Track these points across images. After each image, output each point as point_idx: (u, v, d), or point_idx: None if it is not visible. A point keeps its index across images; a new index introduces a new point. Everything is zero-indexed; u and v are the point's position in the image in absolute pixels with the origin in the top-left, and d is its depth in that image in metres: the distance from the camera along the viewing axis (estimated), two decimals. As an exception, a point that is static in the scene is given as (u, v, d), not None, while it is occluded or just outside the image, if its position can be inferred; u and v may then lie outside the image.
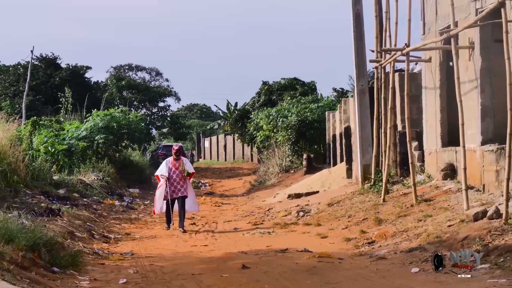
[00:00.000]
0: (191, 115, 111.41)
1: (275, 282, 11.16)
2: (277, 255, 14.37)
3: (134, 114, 37.78)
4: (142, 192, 32.14)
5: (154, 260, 13.89)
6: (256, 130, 46.33)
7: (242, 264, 12.84)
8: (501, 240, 12.35)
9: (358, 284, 10.78)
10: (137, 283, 11.27)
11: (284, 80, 55.25)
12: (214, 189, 40.53)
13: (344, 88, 55.39)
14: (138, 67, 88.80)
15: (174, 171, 20.15)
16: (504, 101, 14.49)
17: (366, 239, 15.59)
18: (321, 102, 44.43)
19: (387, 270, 12.03)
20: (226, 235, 18.73)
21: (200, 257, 14.55)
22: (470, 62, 17.41)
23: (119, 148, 35.35)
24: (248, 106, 57.04)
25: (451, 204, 16.35)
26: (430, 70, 20.61)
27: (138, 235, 18.48)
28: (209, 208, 27.52)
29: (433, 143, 20.44)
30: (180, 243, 17.07)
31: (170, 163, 20.34)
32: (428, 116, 20.95)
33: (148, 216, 23.86)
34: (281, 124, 40.90)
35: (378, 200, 20.04)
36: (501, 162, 15.41)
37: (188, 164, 20.46)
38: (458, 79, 16.15)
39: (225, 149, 72.52)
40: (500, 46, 14.73)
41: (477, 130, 16.98)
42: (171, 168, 20.22)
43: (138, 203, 27.93)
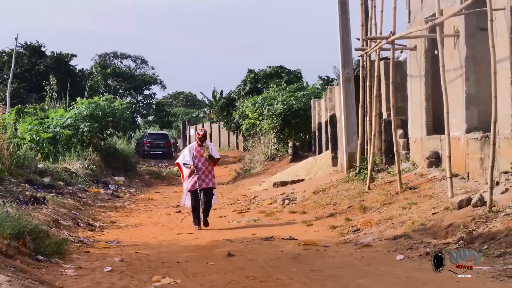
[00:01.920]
0: (177, 103, 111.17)
1: (260, 269, 11.17)
2: (263, 243, 14.38)
3: (119, 102, 37.65)
4: (127, 180, 32.10)
5: (139, 248, 13.88)
6: (242, 118, 46.31)
7: (227, 252, 12.85)
8: (485, 227, 12.41)
9: (343, 272, 10.81)
10: (122, 271, 11.26)
11: (270, 68, 55.20)
12: (199, 177, 40.46)
13: (330, 76, 55.47)
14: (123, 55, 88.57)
15: (199, 159, 17.86)
16: (488, 89, 14.54)
17: (351, 226, 15.63)
18: (307, 90, 44.41)
19: (372, 258, 12.06)
20: (211, 223, 18.72)
21: (185, 245, 14.55)
22: (455, 50, 17.45)
23: (104, 136, 35.26)
24: (234, 94, 56.95)
25: (435, 192, 16.40)
26: (415, 58, 20.64)
27: (123, 223, 18.46)
28: (194, 196, 27.47)
29: (418, 131, 20.49)
30: (165, 231, 17.06)
31: (194, 149, 18.01)
32: (413, 104, 21.00)
33: (133, 204, 23.84)
34: (267, 112, 40.89)
35: (363, 188, 20.08)
36: (485, 150, 15.46)
37: (214, 150, 18.27)
38: (443, 67, 16.19)
39: (211, 137, 72.38)
40: (485, 35, 14.76)
41: (461, 118, 17.03)
42: (195, 155, 17.89)
43: (124, 191, 27.89)
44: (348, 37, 24.03)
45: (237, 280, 10.23)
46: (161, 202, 24.79)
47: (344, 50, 23.97)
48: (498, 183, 14.42)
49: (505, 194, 13.78)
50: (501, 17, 14.76)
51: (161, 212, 21.48)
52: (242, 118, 46.12)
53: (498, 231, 11.86)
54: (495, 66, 13.94)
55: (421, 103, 20.11)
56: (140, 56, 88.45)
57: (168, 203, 24.46)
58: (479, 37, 16.60)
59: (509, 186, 14.02)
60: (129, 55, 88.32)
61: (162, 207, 22.96)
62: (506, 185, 14.16)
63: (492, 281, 9.42)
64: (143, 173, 37.70)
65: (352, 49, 24.08)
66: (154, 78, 77.04)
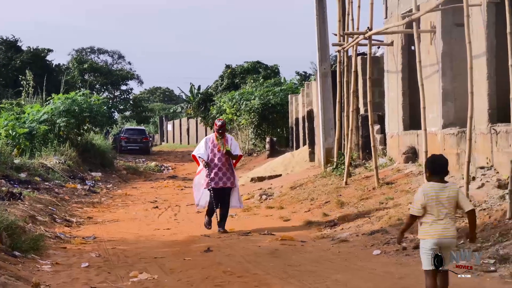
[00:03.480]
0: (154, 98, 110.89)
1: (237, 265, 11.19)
2: (240, 238, 14.39)
3: (96, 97, 37.45)
4: (104, 176, 31.95)
5: (116, 244, 13.84)
6: (219, 113, 46.30)
7: (205, 247, 12.86)
8: (461, 222, 12.48)
9: (320, 267, 10.85)
10: (100, 266, 11.23)
11: (247, 64, 55.21)
12: (177, 172, 40.43)
13: (307, 72, 55.56)
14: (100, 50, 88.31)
15: (215, 153, 15.62)
16: (465, 85, 14.62)
17: (328, 222, 15.67)
18: (284, 85, 44.51)
19: (349, 253, 12.11)
20: (189, 218, 18.71)
21: (163, 240, 14.53)
22: (432, 46, 17.52)
23: (81, 131, 35.06)
24: (211, 89, 56.92)
25: (412, 187, 16.47)
26: (392, 54, 20.70)
27: (100, 219, 18.39)
28: (172, 192, 27.47)
29: (395, 126, 20.56)
30: (142, 226, 17.03)
31: (211, 142, 15.75)
32: (390, 100, 21.07)
33: (110, 199, 23.75)
34: (244, 108, 40.91)
35: (340, 183, 20.13)
36: (461, 145, 15.55)
37: (234, 144, 15.88)
38: (419, 63, 16.26)
39: (188, 133, 72.36)
40: (461, 30, 14.84)
41: (438, 114, 17.12)
42: (212, 149, 15.66)
43: (101, 186, 27.78)
44: (325, 33, 24.06)
45: (214, 276, 10.24)
46: (139, 198, 24.72)
47: (321, 46, 24.00)
48: (474, 178, 14.50)
49: (481, 189, 13.87)
50: (477, 13, 14.83)
51: (138, 207, 21.42)
52: (220, 113, 46.10)
53: (474, 226, 11.92)
54: (471, 62, 14.03)
55: (398, 99, 20.18)
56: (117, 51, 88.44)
57: (146, 198, 24.40)
58: (456, 33, 16.68)
59: (485, 181, 14.11)
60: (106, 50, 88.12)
61: (140, 203, 22.89)
62: (482, 180, 14.25)
63: (468, 276, 9.48)
64: (120, 169, 37.56)
65: (329, 45, 24.11)
66: (131, 73, 76.87)
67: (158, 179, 35.09)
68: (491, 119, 14.61)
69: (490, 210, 12.57)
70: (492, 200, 13.08)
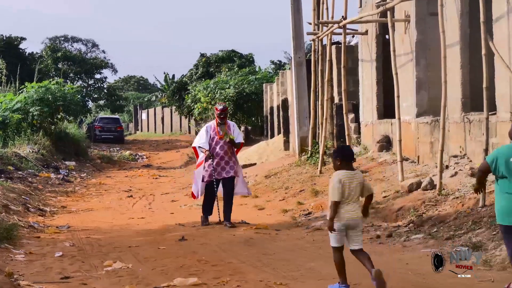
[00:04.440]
0: (128, 87, 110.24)
1: (212, 253, 11.19)
2: (215, 227, 14.39)
3: (70, 86, 37.26)
4: (78, 165, 31.82)
5: (90, 233, 13.80)
6: (194, 102, 46.14)
7: (179, 236, 12.85)
8: (435, 210, 12.58)
9: (294, 255, 10.87)
10: (73, 256, 11.20)
11: (222, 52, 55.04)
12: (151, 161, 40.35)
13: (282, 61, 55.43)
14: (74, 38, 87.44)
15: (217, 141, 14.73)
16: (438, 73, 14.70)
17: (302, 210, 15.71)
18: (259, 74, 44.44)
19: (323, 241, 12.12)
20: (163, 207, 18.68)
21: (137, 229, 14.51)
22: (406, 35, 17.57)
23: (55, 120, 34.85)
24: (186, 78, 56.69)
25: (386, 176, 16.54)
26: (366, 43, 20.75)
27: (74, 208, 18.32)
28: (146, 181, 27.43)
29: (369, 115, 20.62)
30: (117, 215, 16.98)
31: (212, 130, 14.83)
32: (364, 89, 21.12)
33: (84, 189, 23.67)
34: (219, 96, 40.80)
35: (315, 172, 20.17)
36: (435, 134, 15.63)
37: (236, 131, 15.10)
38: (394, 52, 16.32)
39: (163, 122, 72.12)
40: (435, 20, 14.90)
41: (412, 103, 17.18)
42: (213, 137, 14.77)
43: (74, 175, 27.67)
44: (300, 22, 24.05)
45: (189, 264, 10.23)
46: (113, 187, 24.65)
47: (296, 35, 23.99)
48: (447, 167, 14.58)
49: (455, 178, 13.96)
50: (451, 2, 14.89)
51: (113, 196, 21.36)
52: (194, 102, 45.94)
53: (447, 214, 12.02)
54: (445, 51, 14.10)
55: (372, 88, 20.23)
56: (91, 39, 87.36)
57: (120, 187, 24.34)
58: (430, 22, 16.73)
59: (458, 170, 14.19)
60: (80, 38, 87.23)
61: (114, 192, 22.83)
62: (456, 168, 14.33)
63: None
64: (94, 158, 37.42)
65: (304, 34, 24.13)
66: (105, 62, 76.32)
67: (132, 168, 35.03)
68: (464, 108, 14.69)
69: (463, 198, 12.65)
70: (465, 188, 13.17)
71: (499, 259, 9.12)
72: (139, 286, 8.79)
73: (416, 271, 9.17)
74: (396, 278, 8.82)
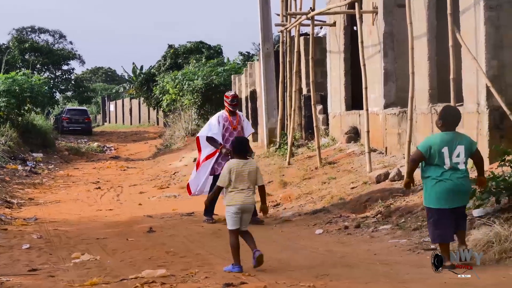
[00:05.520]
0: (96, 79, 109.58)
1: (180, 245, 11.18)
2: (183, 218, 14.38)
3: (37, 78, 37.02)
4: (46, 157, 31.64)
5: (58, 225, 13.73)
6: (162, 93, 45.97)
7: (147, 228, 12.81)
8: (402, 201, 12.65)
9: (263, 246, 10.85)
10: (41, 248, 11.13)
11: (190, 44, 54.84)
12: (119, 153, 40.24)
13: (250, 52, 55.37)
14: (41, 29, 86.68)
15: (231, 132, 13.41)
16: (406, 65, 14.77)
17: (271, 201, 15.69)
18: (227, 65, 44.36)
19: (292, 232, 12.17)
20: (131, 199, 18.63)
21: (105, 221, 14.45)
22: (374, 27, 17.63)
23: (22, 112, 34.62)
24: (154, 69, 56.45)
25: (354, 167, 16.60)
26: (334, 34, 20.78)
27: (41, 200, 18.22)
28: (114, 172, 27.33)
29: (337, 106, 20.68)
30: (85, 207, 16.91)
31: (224, 119, 13.45)
32: (332, 80, 21.16)
33: (52, 180, 23.54)
34: (187, 88, 40.68)
35: (283, 163, 20.18)
36: (403, 125, 15.71)
37: (246, 122, 13.97)
38: (361, 43, 16.38)
39: (131, 113, 71.83)
40: (403, 11, 14.97)
41: (380, 94, 17.25)
42: (227, 127, 13.43)
43: (42, 167, 27.51)
44: (268, 13, 24.05)
45: (157, 256, 10.22)
46: (80, 179, 24.54)
47: (264, 26, 23.99)
48: (415, 158, 14.64)
49: (422, 169, 14.03)
50: (419, -6, 14.95)
51: (81, 188, 21.27)
52: (163, 93, 45.78)
53: (415, 204, 12.09)
54: (413, 42, 14.18)
55: (340, 79, 20.27)
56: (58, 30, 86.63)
57: (88, 179, 24.23)
58: (397, 14, 16.80)
59: (426, 161, 14.26)
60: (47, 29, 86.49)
61: (82, 184, 22.73)
62: (423, 159, 14.40)
63: (408, 254, 9.62)
64: (62, 149, 37.25)
65: (272, 25, 24.17)
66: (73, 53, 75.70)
67: (100, 159, 34.90)
68: (431, 99, 14.77)
69: (430, 189, 12.72)
70: (433, 179, 13.25)
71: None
72: (107, 278, 8.75)
73: (384, 261, 9.22)
74: (364, 268, 8.87)
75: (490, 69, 12.68)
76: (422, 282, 7.99)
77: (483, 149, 12.70)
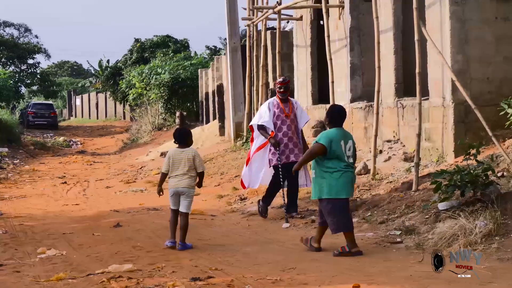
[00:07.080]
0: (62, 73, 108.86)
1: (147, 239, 11.16)
2: (150, 213, 14.33)
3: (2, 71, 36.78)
4: (11, 151, 31.40)
5: (24, 220, 13.63)
6: (129, 87, 45.84)
7: (114, 223, 12.76)
8: (369, 194, 12.72)
9: (230, 240, 10.90)
10: (6, 243, 11.05)
11: (156, 38, 54.66)
12: (86, 147, 40.02)
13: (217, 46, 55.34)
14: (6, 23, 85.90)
15: (283, 120, 12.49)
16: (372, 59, 14.84)
17: (238, 196, 15.71)
18: (194, 59, 44.33)
19: (259, 226, 12.19)
20: (98, 193, 18.54)
21: (71, 216, 14.37)
22: (340, 21, 17.68)
23: (-13, 106, 34.40)
24: (121, 63, 56.20)
25: (321, 161, 16.62)
26: (301, 29, 20.81)
27: (7, 195, 18.08)
28: (80, 167, 27.19)
29: (304, 100, 20.70)
30: (51, 202, 16.81)
31: (275, 106, 12.53)
32: (299, 74, 21.20)
33: (17, 175, 23.37)
34: (154, 82, 40.61)
35: (250, 157, 20.16)
36: (369, 119, 15.78)
37: (300, 108, 12.85)
38: (328, 38, 16.41)
39: (97, 107, 71.46)
40: (369, 5, 15.02)
41: (346, 88, 17.31)
42: (278, 115, 12.48)
43: (7, 162, 27.30)
44: (235, 7, 24.03)
45: (123, 251, 10.18)
46: (46, 173, 24.38)
47: (231, 20, 23.97)
48: (381, 152, 14.75)
49: (388, 162, 14.13)
50: (385, -11, 15.02)
51: (46, 183, 21.13)
52: (129, 87, 45.64)
53: (381, 198, 12.16)
54: (379, 37, 14.24)
55: (307, 73, 20.31)
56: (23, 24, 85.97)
57: (54, 174, 24.08)
58: (363, 8, 16.87)
59: (392, 155, 14.37)
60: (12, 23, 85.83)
61: (48, 178, 22.58)
62: (389, 153, 14.51)
63: (375, 247, 9.67)
64: (27, 144, 36.96)
65: (239, 19, 24.15)
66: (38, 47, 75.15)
67: (66, 154, 34.68)
68: (398, 93, 14.86)
69: (396, 182, 12.82)
70: (399, 173, 13.35)
71: (431, 242, 9.26)
72: (73, 273, 8.71)
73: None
74: (331, 262, 8.91)
75: (456, 64, 12.78)
76: (388, 275, 8.04)
77: (449, 143, 12.83)
